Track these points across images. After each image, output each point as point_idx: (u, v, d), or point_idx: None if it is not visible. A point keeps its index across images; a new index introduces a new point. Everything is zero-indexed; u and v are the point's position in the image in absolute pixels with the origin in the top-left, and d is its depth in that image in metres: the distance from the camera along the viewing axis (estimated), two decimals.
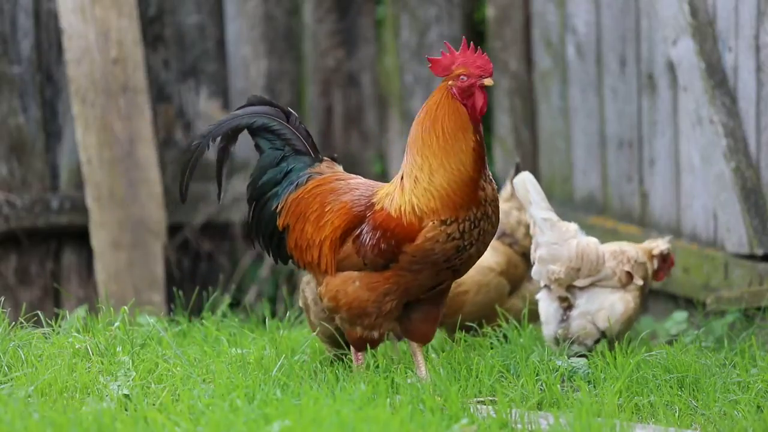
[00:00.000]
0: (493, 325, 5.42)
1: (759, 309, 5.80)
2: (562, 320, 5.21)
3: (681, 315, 6.18)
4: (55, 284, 7.21)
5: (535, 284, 5.36)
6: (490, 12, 7.42)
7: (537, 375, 4.65)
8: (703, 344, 5.42)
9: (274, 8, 7.60)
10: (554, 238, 5.18)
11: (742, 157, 5.94)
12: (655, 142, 6.55)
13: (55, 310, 6.63)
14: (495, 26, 7.34)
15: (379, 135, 7.79)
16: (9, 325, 5.10)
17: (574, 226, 5.23)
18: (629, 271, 5.21)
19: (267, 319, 5.40)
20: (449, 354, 4.98)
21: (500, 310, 5.46)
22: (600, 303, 5.19)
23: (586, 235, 5.27)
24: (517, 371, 4.74)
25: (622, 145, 6.79)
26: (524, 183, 5.21)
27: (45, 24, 7.15)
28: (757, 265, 5.89)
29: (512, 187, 5.41)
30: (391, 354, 5.13)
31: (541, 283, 5.25)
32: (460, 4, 7.63)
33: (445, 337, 5.48)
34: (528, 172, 5.27)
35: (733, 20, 5.96)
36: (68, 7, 7.08)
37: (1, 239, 7.10)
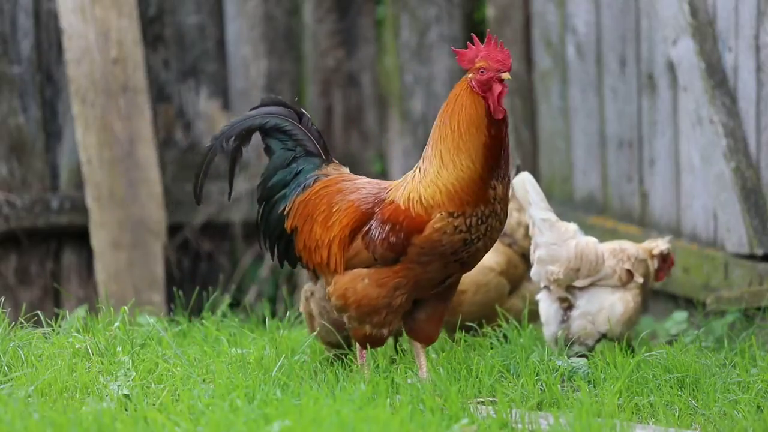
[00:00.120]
0: (493, 325, 5.42)
1: (759, 309, 5.80)
2: (563, 321, 5.21)
3: (681, 315, 6.18)
4: (55, 284, 7.21)
5: (535, 284, 5.36)
6: (490, 12, 7.42)
7: (537, 375, 4.65)
8: (703, 344, 5.42)
9: (274, 8, 7.60)
10: (553, 239, 5.18)
11: (742, 157, 5.94)
12: (655, 142, 6.55)
13: (55, 310, 6.63)
14: (495, 26, 7.34)
15: (379, 135, 7.79)
16: (9, 325, 5.10)
17: (573, 227, 5.22)
18: (629, 269, 5.21)
19: (267, 319, 5.40)
20: (449, 354, 4.98)
21: (500, 310, 5.46)
22: (600, 304, 5.19)
23: (585, 235, 5.27)
24: (517, 371, 4.74)
25: (622, 145, 6.79)
26: (524, 184, 5.20)
27: (45, 24, 7.15)
28: (757, 265, 5.89)
29: (512, 187, 5.41)
30: (391, 354, 5.13)
31: (541, 284, 5.25)
32: (460, 4, 7.63)
33: (445, 337, 5.48)
34: (527, 173, 5.26)
35: (733, 20, 5.96)
36: (68, 7, 7.08)
37: (1, 239, 7.10)
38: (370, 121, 7.79)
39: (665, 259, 5.35)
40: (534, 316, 5.37)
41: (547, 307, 5.24)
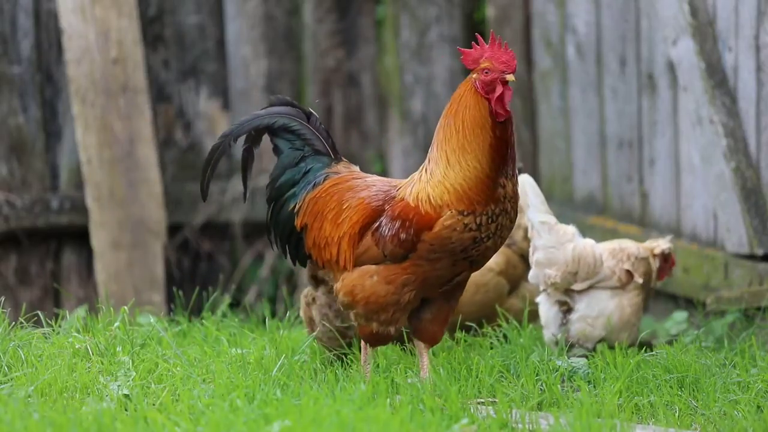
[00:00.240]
0: (493, 325, 5.42)
1: (759, 309, 5.80)
2: (562, 324, 5.20)
3: (681, 315, 6.18)
4: (55, 284, 7.21)
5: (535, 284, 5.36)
6: (490, 12, 7.42)
7: (537, 375, 4.65)
8: (703, 344, 5.42)
9: (274, 8, 7.60)
10: (551, 242, 5.17)
11: (742, 157, 5.94)
12: (655, 142, 6.55)
13: (55, 310, 6.63)
14: (495, 26, 7.34)
15: (379, 135, 7.79)
16: (9, 325, 5.10)
17: (571, 229, 5.21)
18: (629, 269, 5.20)
19: (267, 319, 5.40)
20: (449, 354, 4.98)
21: (500, 309, 5.46)
22: (599, 308, 5.18)
23: (584, 237, 5.26)
24: (517, 371, 4.74)
25: (622, 145, 6.79)
26: (523, 186, 5.19)
27: (45, 24, 7.15)
28: (757, 265, 5.89)
29: None
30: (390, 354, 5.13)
31: (540, 287, 5.24)
32: (460, 4, 7.63)
33: (445, 337, 5.48)
34: (527, 175, 5.26)
35: (733, 20, 5.96)
36: (68, 7, 7.08)
37: (1, 239, 7.10)
38: (370, 121, 7.79)
39: (666, 259, 5.34)
40: (534, 315, 5.37)
41: (547, 310, 5.23)
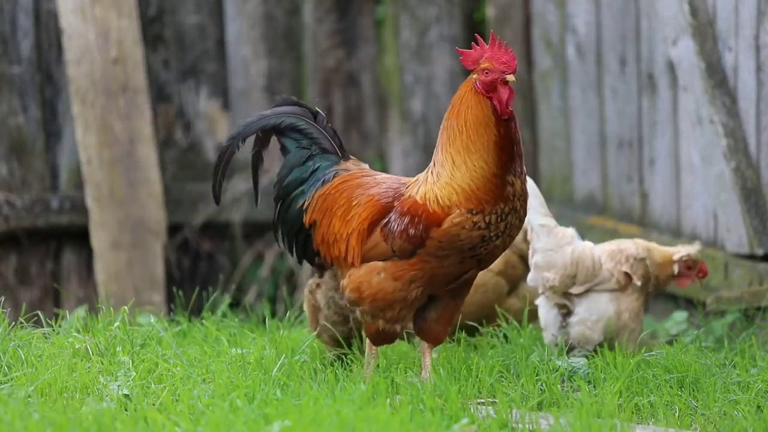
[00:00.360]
0: (493, 325, 5.42)
1: (759, 309, 5.80)
2: (561, 326, 5.20)
3: (681, 315, 6.18)
4: (55, 284, 7.21)
5: None
6: (490, 12, 7.42)
7: (537, 375, 4.65)
8: (703, 344, 5.42)
9: (274, 8, 7.60)
10: (550, 245, 5.16)
11: (742, 157, 5.94)
12: (655, 142, 6.55)
13: (55, 310, 6.63)
14: (495, 26, 7.34)
15: (379, 135, 7.79)
16: (9, 325, 5.10)
17: (570, 232, 5.20)
18: (627, 271, 5.18)
19: (267, 319, 5.40)
20: (449, 354, 4.98)
21: (500, 310, 5.46)
22: (599, 311, 5.17)
23: (584, 238, 5.25)
24: (517, 371, 4.74)
25: (622, 145, 6.79)
26: None
27: (45, 24, 7.15)
28: (757, 265, 5.89)
29: None
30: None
31: (539, 290, 5.24)
32: (460, 4, 7.63)
33: None
34: (528, 177, 5.25)
35: (733, 20, 5.96)
36: (68, 7, 7.08)
37: (1, 239, 7.10)
38: (370, 121, 7.79)
39: (690, 266, 5.28)
40: (533, 315, 5.37)
41: (546, 312, 5.23)
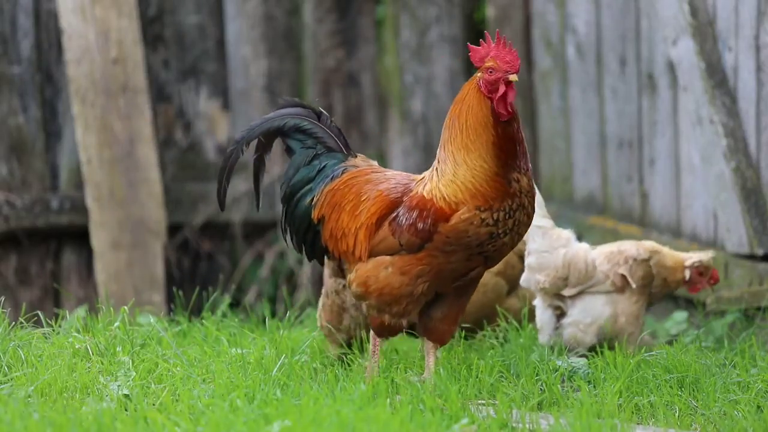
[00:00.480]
0: (493, 325, 5.42)
1: (759, 309, 5.80)
2: (556, 328, 5.20)
3: (681, 315, 6.18)
4: (55, 284, 7.21)
5: None
6: (490, 12, 7.42)
7: (537, 375, 4.65)
8: (703, 344, 5.42)
9: (274, 8, 7.60)
10: (544, 246, 5.16)
11: (742, 157, 5.94)
12: (655, 142, 6.55)
13: (55, 310, 6.63)
14: (495, 26, 7.34)
15: (379, 135, 7.79)
16: (9, 325, 5.10)
17: (566, 234, 5.20)
18: (624, 273, 5.17)
19: (267, 319, 5.40)
20: (449, 354, 4.98)
21: (500, 309, 5.46)
22: (594, 314, 5.16)
23: (584, 239, 5.25)
24: (517, 371, 4.74)
25: (622, 145, 6.79)
26: None
27: (45, 24, 7.15)
28: (757, 265, 5.89)
29: None
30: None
31: (533, 291, 5.25)
32: (460, 4, 7.63)
33: None
34: None
35: (733, 20, 5.96)
36: (68, 7, 7.08)
37: (1, 239, 7.10)
38: (370, 120, 7.79)
39: (702, 273, 5.27)
40: (533, 315, 5.37)
41: (541, 313, 5.23)
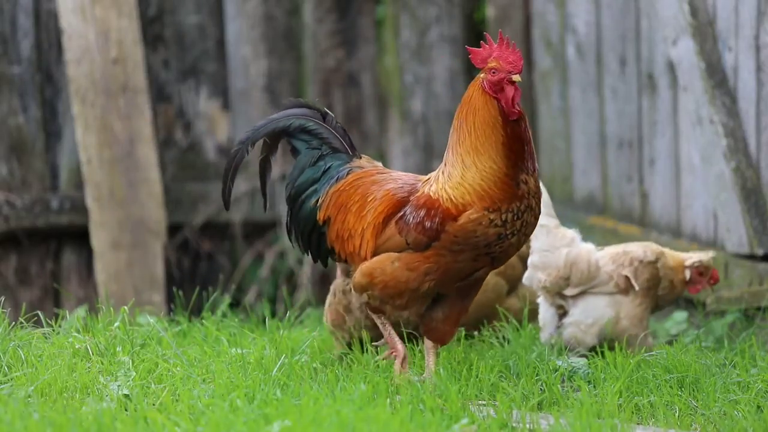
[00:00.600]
0: (493, 325, 5.42)
1: (759, 309, 5.80)
2: (557, 327, 5.20)
3: (681, 315, 6.18)
4: (55, 284, 7.21)
5: None
6: (490, 12, 7.42)
7: (537, 375, 4.65)
8: (703, 344, 5.42)
9: (274, 8, 7.60)
10: (547, 245, 5.16)
11: (742, 157, 5.94)
12: (655, 142, 6.55)
13: (55, 310, 6.63)
14: (495, 26, 7.34)
15: (379, 135, 7.79)
16: (9, 325, 5.10)
17: (571, 233, 5.19)
18: (628, 275, 5.16)
19: (267, 319, 5.40)
20: (449, 354, 4.98)
21: (500, 309, 5.46)
22: (595, 315, 5.16)
23: (583, 239, 5.25)
24: (517, 371, 4.74)
25: (622, 145, 6.79)
26: None
27: (45, 24, 7.15)
28: (757, 265, 5.89)
29: None
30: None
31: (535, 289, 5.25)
32: (460, 4, 7.63)
33: None
34: None
35: (733, 20, 5.96)
36: (68, 7, 7.08)
37: (1, 239, 7.10)
38: (370, 120, 7.79)
39: (702, 273, 5.26)
40: (533, 315, 5.37)
41: (544, 311, 5.24)
